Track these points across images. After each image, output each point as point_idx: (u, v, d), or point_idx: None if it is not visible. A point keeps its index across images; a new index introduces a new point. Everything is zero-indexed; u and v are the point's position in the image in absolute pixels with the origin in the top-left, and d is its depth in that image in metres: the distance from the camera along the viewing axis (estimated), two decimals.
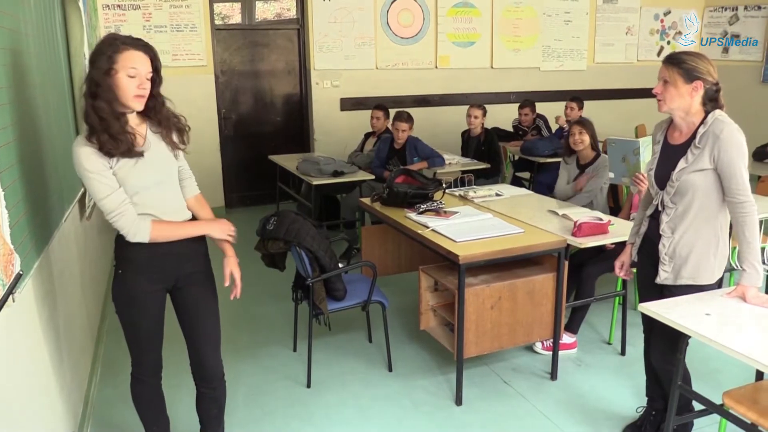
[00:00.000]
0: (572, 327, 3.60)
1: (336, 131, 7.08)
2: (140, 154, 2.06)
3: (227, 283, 2.33)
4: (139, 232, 2.07)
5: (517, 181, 6.31)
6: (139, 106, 2.04)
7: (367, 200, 3.93)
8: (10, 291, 1.73)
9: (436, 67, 7.50)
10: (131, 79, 1.97)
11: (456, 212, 3.48)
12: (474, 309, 2.97)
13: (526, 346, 3.52)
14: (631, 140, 3.31)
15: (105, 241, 4.66)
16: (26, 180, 2.10)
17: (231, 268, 2.34)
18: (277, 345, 3.71)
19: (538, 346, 3.55)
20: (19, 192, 1.99)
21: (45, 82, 2.66)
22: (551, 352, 3.40)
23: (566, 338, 3.55)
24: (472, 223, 3.33)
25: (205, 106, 6.64)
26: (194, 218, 2.32)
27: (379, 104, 5.93)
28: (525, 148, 6.06)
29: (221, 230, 2.26)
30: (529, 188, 5.28)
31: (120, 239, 2.13)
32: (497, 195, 4.04)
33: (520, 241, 3.10)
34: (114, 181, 2.02)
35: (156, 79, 2.09)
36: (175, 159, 2.22)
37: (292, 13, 7.14)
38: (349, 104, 7.14)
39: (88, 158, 1.98)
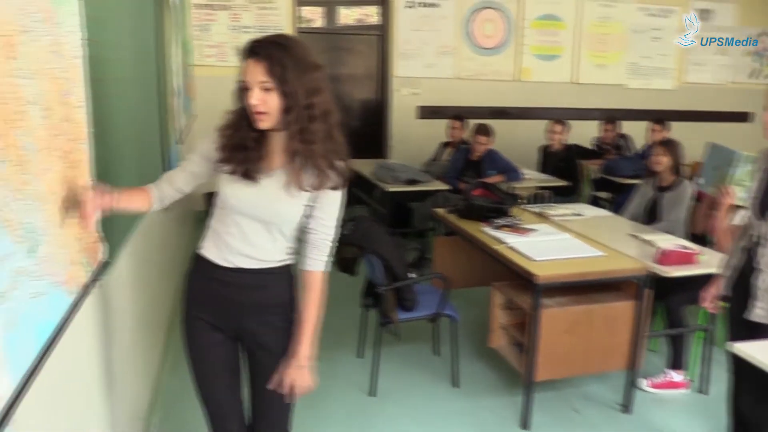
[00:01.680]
0: (678, 363, 3.36)
1: (412, 139, 7.06)
2: (237, 174, 1.72)
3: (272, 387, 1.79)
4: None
5: (594, 201, 6.10)
6: (259, 123, 1.66)
7: (441, 211, 3.88)
8: (96, 278, 1.77)
9: (517, 80, 7.38)
10: (245, 92, 1.65)
11: (534, 230, 3.39)
12: (547, 331, 2.87)
13: (600, 374, 3.38)
14: (733, 150, 3.13)
15: (183, 234, 4.79)
16: (116, 171, 2.16)
17: (290, 377, 1.78)
18: (342, 350, 3.70)
19: (643, 383, 3.33)
20: (110, 182, 2.04)
21: (138, 77, 2.74)
22: (661, 391, 3.30)
23: (675, 376, 3.35)
24: (550, 242, 3.23)
25: None
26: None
27: (458, 114, 5.87)
28: (607, 167, 5.86)
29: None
30: (607, 209, 5.10)
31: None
32: (576, 215, 3.90)
33: (601, 264, 2.99)
34: (194, 166, 1.82)
35: (282, 93, 1.61)
36: (295, 208, 1.75)
37: (374, 20, 7.18)
38: (427, 112, 7.11)
39: (204, 142, 1.81)
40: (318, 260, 1.81)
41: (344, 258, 3.12)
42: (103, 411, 1.97)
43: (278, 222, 1.76)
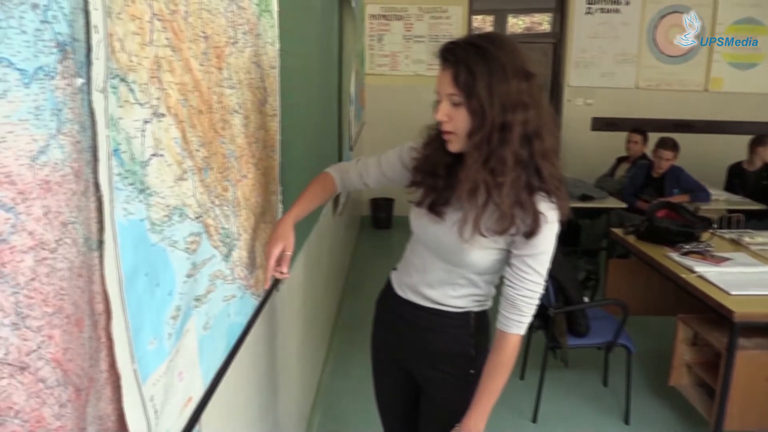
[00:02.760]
0: None
1: (584, 151, 6.69)
2: (422, 207, 1.50)
3: None
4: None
5: None
6: (448, 144, 1.38)
7: (619, 231, 3.60)
8: (276, 282, 1.82)
9: (706, 90, 6.75)
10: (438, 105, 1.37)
11: (728, 259, 3.03)
12: (744, 376, 2.54)
13: None
14: None
15: (349, 238, 4.92)
16: (294, 175, 2.21)
17: None
18: None
19: None
20: (292, 188, 2.10)
21: (321, 86, 2.82)
22: None
23: None
24: (750, 274, 2.87)
25: None
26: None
27: (638, 127, 5.47)
28: None
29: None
30: None
31: None
32: None
33: None
34: (390, 170, 1.61)
35: (470, 109, 1.30)
36: (482, 252, 1.43)
37: (544, 27, 6.94)
38: (601, 124, 6.72)
39: (406, 147, 1.58)
40: (512, 320, 1.43)
41: None
42: (270, 410, 2.03)
43: (461, 266, 1.48)
